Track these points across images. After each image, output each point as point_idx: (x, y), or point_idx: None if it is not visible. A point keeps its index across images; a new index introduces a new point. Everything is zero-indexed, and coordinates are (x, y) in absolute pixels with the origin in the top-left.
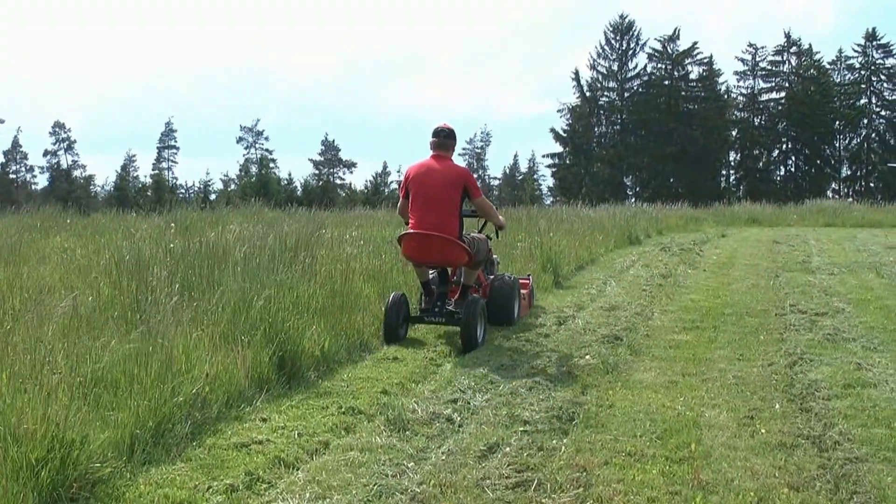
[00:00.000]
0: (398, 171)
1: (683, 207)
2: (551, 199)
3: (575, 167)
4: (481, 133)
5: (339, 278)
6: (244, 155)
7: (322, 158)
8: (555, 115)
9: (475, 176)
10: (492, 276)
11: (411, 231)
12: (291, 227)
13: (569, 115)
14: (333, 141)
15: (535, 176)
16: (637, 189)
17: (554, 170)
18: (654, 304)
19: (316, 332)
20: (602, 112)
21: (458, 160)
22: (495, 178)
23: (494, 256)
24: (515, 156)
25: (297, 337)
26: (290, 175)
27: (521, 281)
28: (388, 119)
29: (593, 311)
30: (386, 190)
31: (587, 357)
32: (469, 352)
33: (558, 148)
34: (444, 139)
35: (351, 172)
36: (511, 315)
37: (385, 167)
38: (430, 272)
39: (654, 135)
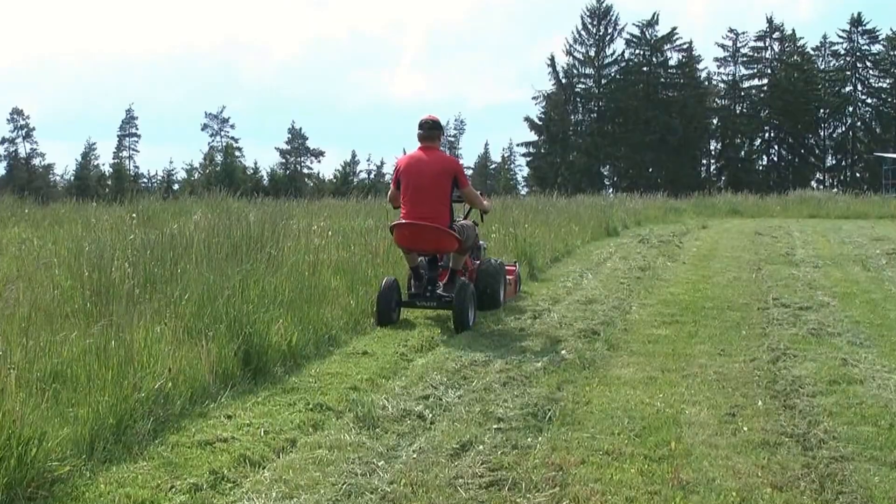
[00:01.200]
0: (368, 160)
1: (663, 198)
2: (526, 189)
3: (550, 156)
4: (455, 121)
5: (307, 270)
6: (209, 143)
7: (289, 147)
8: (530, 103)
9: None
10: (478, 262)
11: (404, 221)
12: (257, 218)
13: (544, 103)
14: (301, 129)
15: (510, 166)
16: (615, 179)
17: (529, 159)
18: (632, 297)
19: (283, 326)
20: (578, 99)
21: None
22: (469, 167)
23: (482, 242)
24: (486, 144)
25: (264, 331)
26: (256, 164)
27: (507, 267)
28: (357, 107)
29: (569, 305)
30: (355, 179)
31: (563, 352)
32: (460, 333)
33: (533, 136)
34: (429, 130)
35: (319, 161)
36: (497, 298)
37: (354, 156)
38: (419, 258)
39: (633, 123)
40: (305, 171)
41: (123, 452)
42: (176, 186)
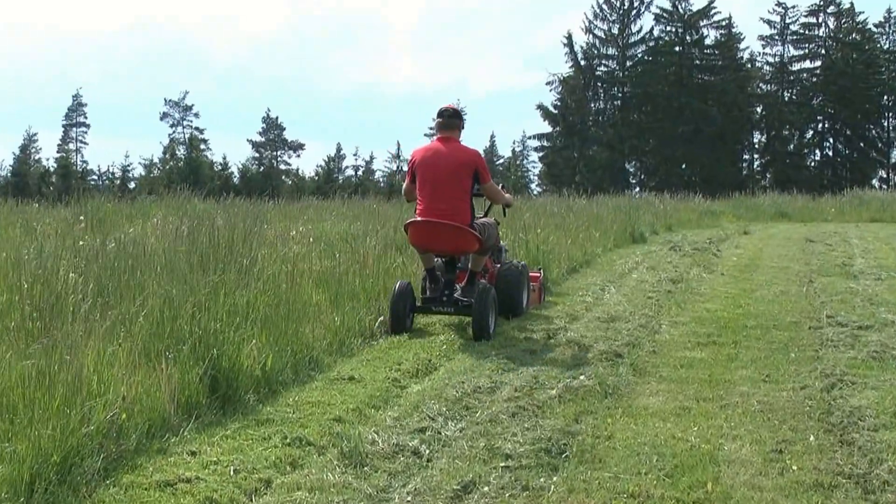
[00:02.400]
0: (355, 155)
1: (697, 199)
2: (539, 188)
3: (567, 150)
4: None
5: (285, 282)
6: (170, 134)
7: (263, 139)
8: (543, 89)
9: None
10: (499, 264)
11: (419, 219)
12: (227, 221)
13: (560, 89)
14: (277, 118)
15: (521, 161)
16: (641, 177)
17: (542, 154)
18: (661, 314)
19: (256, 347)
20: (600, 85)
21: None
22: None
23: (503, 243)
24: (492, 137)
25: (234, 353)
26: (225, 159)
27: (531, 273)
28: (343, 93)
29: (589, 323)
30: (340, 177)
31: (582, 378)
32: (479, 341)
33: (547, 127)
34: (448, 119)
35: (298, 156)
36: (519, 305)
37: (339, 150)
38: (436, 258)
39: (662, 112)
40: (283, 166)
41: (69, 495)
42: (132, 185)
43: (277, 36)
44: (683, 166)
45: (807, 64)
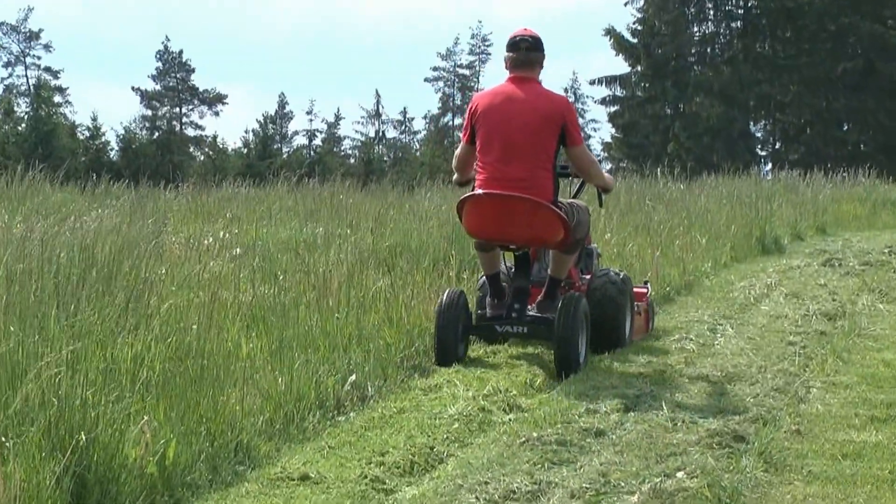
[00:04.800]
0: (309, 114)
1: (868, 181)
2: (609, 164)
3: (654, 104)
4: (471, 42)
5: (196, 322)
6: (4, 80)
7: (159, 87)
8: (614, 7)
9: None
10: (588, 275)
11: (481, 192)
12: (103, 223)
13: (644, 5)
14: (181, 55)
15: (582, 122)
16: (776, 146)
17: (613, 109)
18: (810, 370)
19: (149, 429)
20: None
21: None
22: None
23: (593, 245)
24: None
25: (113, 438)
26: (95, 120)
27: (635, 289)
28: (291, 16)
29: (691, 385)
30: (285, 149)
31: (679, 475)
32: (567, 375)
33: (622, 66)
34: (525, 53)
35: (216, 114)
36: (620, 333)
37: (283, 104)
38: (501, 259)
39: (809, 39)
40: (191, 131)
41: None
42: None
43: None
44: (846, 128)
45: None
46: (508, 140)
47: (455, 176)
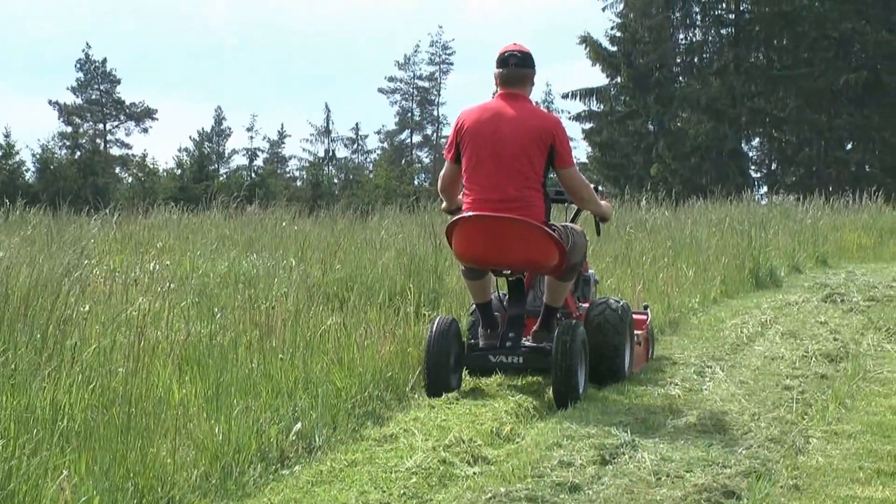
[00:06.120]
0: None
1: (875, 206)
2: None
3: (635, 119)
4: (431, 50)
5: (123, 366)
6: None
7: (80, 101)
8: (591, 9)
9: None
10: (586, 303)
11: (470, 213)
12: (17, 254)
13: (623, 8)
14: (104, 64)
15: None
16: (771, 166)
17: (590, 126)
18: (809, 418)
19: (69, 485)
20: (696, 0)
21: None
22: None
23: (591, 271)
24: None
25: (27, 496)
26: (8, 136)
27: (634, 315)
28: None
29: (677, 434)
30: (223, 169)
31: None
32: (565, 407)
33: (599, 78)
34: (515, 69)
35: (145, 130)
36: (619, 365)
37: (220, 119)
38: (492, 287)
39: (807, 47)
40: (117, 151)
41: None
42: None
43: None
44: (849, 147)
45: None
46: (496, 159)
47: (443, 204)
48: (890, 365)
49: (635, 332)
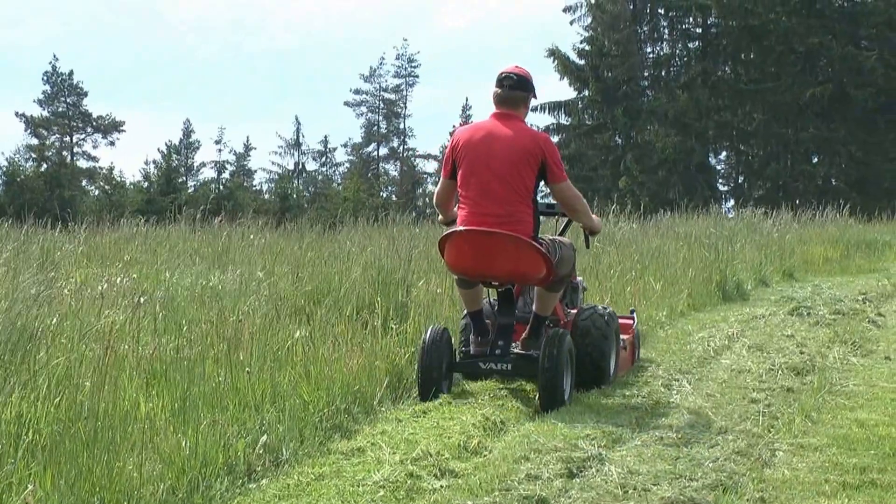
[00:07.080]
0: (218, 143)
1: (841, 220)
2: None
3: (603, 132)
4: (396, 63)
5: (90, 379)
6: None
7: (47, 113)
8: (559, 23)
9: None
10: (574, 310)
11: (462, 228)
12: None
13: (591, 22)
14: (71, 76)
15: None
16: (738, 180)
17: (558, 139)
18: (775, 431)
19: (34, 499)
20: (662, 13)
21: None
22: (426, 154)
23: (579, 279)
24: (467, 108)
25: None
26: None
27: (620, 320)
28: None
29: (644, 448)
30: (191, 182)
31: None
32: (551, 410)
33: (567, 91)
34: (509, 90)
35: (112, 143)
36: (605, 370)
37: (188, 132)
38: (483, 295)
39: (775, 62)
40: (84, 163)
41: None
42: None
43: None
44: (815, 161)
45: None
46: (488, 175)
47: (439, 216)
48: (856, 378)
49: (621, 336)
